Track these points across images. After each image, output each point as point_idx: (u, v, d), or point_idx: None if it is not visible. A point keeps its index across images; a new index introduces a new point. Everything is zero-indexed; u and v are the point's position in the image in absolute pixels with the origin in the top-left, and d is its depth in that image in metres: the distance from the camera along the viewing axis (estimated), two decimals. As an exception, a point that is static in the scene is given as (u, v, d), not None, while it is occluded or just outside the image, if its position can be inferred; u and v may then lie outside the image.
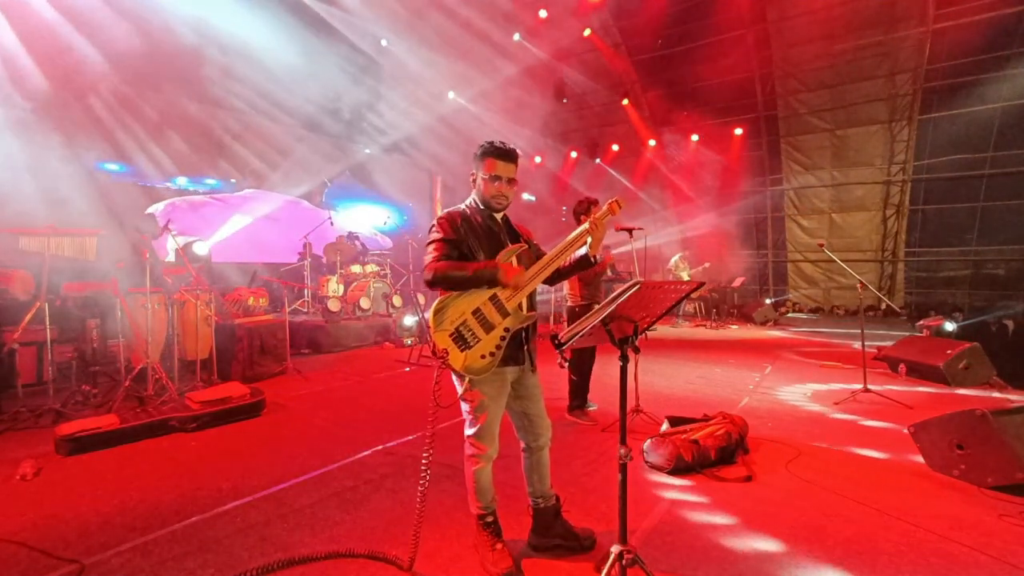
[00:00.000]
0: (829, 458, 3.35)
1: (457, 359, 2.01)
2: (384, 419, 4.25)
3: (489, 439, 2.14)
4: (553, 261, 2.12)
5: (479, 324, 2.03)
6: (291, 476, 3.07)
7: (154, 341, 4.68)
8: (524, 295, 2.11)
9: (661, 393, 4.99)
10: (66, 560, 2.21)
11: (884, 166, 11.67)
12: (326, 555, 2.21)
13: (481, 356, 2.02)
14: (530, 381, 2.25)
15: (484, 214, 2.19)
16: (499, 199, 2.16)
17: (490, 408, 2.11)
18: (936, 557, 2.23)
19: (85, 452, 3.43)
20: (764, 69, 11.99)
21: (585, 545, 2.26)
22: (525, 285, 2.07)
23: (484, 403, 2.10)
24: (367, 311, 8.55)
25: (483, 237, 2.14)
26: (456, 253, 2.09)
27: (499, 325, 2.05)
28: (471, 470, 2.16)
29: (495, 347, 2.04)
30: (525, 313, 2.12)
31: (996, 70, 9.85)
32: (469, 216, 2.17)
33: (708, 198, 13.65)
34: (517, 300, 2.09)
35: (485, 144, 2.17)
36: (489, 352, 2.03)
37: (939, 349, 5.47)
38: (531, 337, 2.22)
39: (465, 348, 2.02)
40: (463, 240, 2.10)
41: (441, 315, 2.03)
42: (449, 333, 2.02)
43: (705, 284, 6.09)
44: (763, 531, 2.45)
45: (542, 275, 2.13)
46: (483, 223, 2.17)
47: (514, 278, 2.02)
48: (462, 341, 2.02)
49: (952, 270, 11.16)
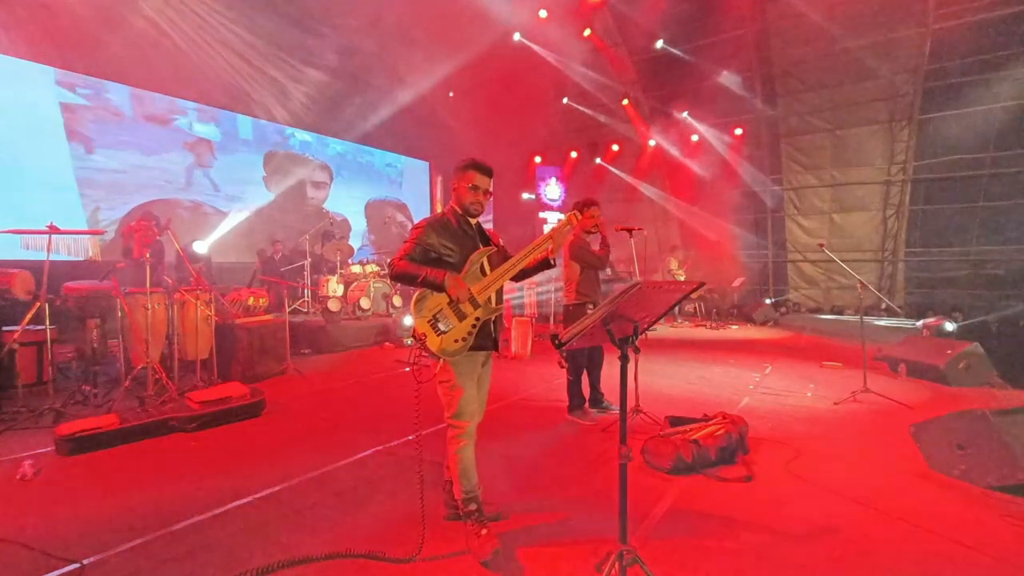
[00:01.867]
0: (829, 458, 3.35)
1: (434, 342, 2.29)
2: (384, 419, 4.25)
3: (467, 415, 2.39)
4: (517, 264, 2.37)
5: (453, 313, 2.31)
6: (291, 476, 3.07)
7: (154, 341, 4.68)
8: (493, 291, 2.37)
9: (661, 393, 4.99)
10: (66, 560, 2.20)
11: (884, 166, 11.66)
12: (326, 555, 2.21)
13: (455, 340, 2.31)
14: (486, 367, 2.54)
15: (460, 219, 2.46)
16: (476, 207, 2.45)
17: (464, 384, 2.37)
18: (936, 557, 2.23)
19: (85, 452, 3.42)
20: (764, 69, 11.98)
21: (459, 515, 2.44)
22: (467, 299, 2.29)
23: (458, 380, 2.36)
24: (367, 311, 8.56)
25: (458, 240, 2.41)
26: (422, 256, 2.34)
27: (471, 315, 2.33)
28: (454, 451, 2.39)
29: (467, 333, 2.32)
30: (493, 306, 2.40)
31: (996, 70, 9.83)
32: (447, 221, 2.44)
33: (708, 198, 13.63)
34: (487, 294, 2.35)
35: (467, 159, 2.48)
36: (462, 337, 2.31)
37: (939, 349, 5.47)
38: (498, 326, 2.51)
39: (441, 333, 2.30)
40: (437, 244, 2.35)
41: (421, 304, 2.33)
42: (427, 320, 2.30)
43: (705, 284, 6.09)
44: (763, 531, 2.45)
45: (508, 275, 2.37)
46: (458, 227, 2.44)
47: (457, 293, 2.26)
48: (438, 327, 2.30)
49: (952, 270, 11.14)
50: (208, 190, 9.84)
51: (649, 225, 11.23)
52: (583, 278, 4.19)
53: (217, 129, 10.07)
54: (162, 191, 9.10)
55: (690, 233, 14.09)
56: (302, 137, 11.72)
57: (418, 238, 2.35)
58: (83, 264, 7.69)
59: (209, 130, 9.93)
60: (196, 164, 9.62)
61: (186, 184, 9.50)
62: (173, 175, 9.33)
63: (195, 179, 9.64)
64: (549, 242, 2.37)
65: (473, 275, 2.36)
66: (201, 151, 9.69)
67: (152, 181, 8.97)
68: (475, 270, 2.37)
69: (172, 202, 9.21)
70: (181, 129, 9.46)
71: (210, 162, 9.82)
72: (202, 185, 9.75)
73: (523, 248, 2.38)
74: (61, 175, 7.94)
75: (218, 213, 9.95)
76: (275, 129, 11.13)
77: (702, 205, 13.73)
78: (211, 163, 9.84)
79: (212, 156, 9.86)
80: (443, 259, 2.36)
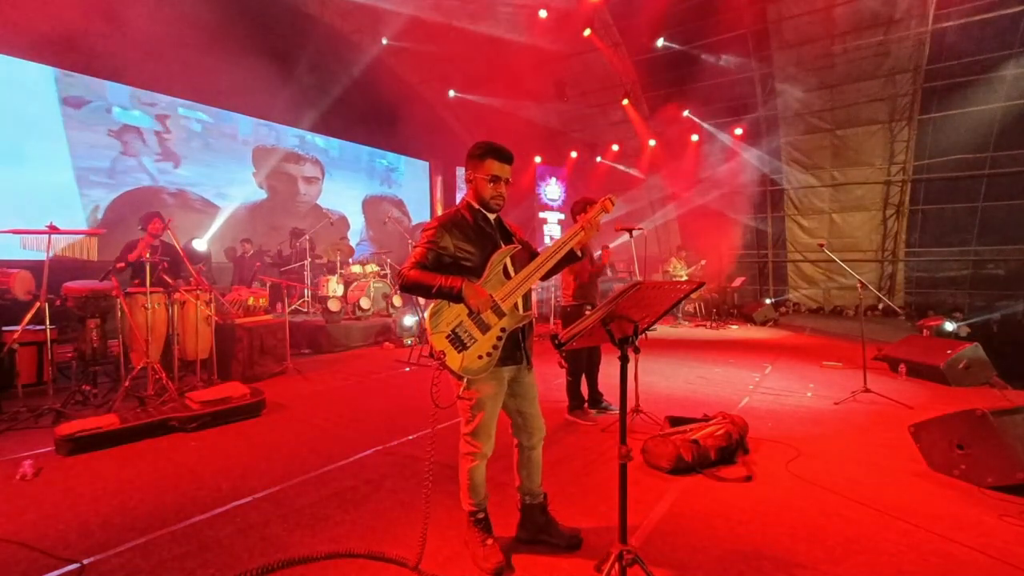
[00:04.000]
0: (829, 458, 3.35)
1: (455, 360, 2.02)
2: (384, 419, 4.25)
3: (485, 437, 2.15)
4: (547, 261, 2.11)
5: (475, 325, 2.04)
6: (291, 476, 3.07)
7: (154, 341, 4.68)
8: (520, 295, 2.10)
9: (661, 393, 4.99)
10: (66, 560, 2.21)
11: (884, 166, 11.67)
12: (326, 555, 2.21)
13: (478, 356, 2.03)
14: (526, 380, 2.27)
15: (478, 215, 2.18)
16: (498, 200, 2.16)
17: (487, 407, 2.12)
18: (936, 557, 2.23)
19: (85, 452, 3.42)
20: (764, 69, 11.98)
21: (571, 544, 2.27)
22: (489, 308, 2.02)
23: (481, 401, 2.11)
24: (367, 311, 8.56)
25: (476, 239, 2.13)
26: (436, 262, 2.08)
27: (495, 325, 2.06)
28: (465, 468, 2.20)
29: (492, 347, 2.05)
30: (521, 313, 2.12)
31: (996, 70, 9.84)
32: (461, 220, 2.16)
33: (708, 198, 13.64)
34: (513, 300, 2.08)
35: (483, 145, 2.16)
36: (486, 352, 2.04)
37: (939, 349, 5.46)
38: (528, 336, 2.23)
39: (462, 349, 2.02)
40: (452, 247, 2.09)
41: (437, 318, 2.04)
42: (446, 335, 2.03)
43: (705, 284, 6.09)
44: (763, 531, 2.45)
45: (536, 275, 2.11)
46: (475, 224, 2.16)
47: (478, 303, 1.99)
48: (459, 342, 2.03)
49: (952, 270, 11.15)
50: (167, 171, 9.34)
51: (649, 225, 11.26)
52: (583, 280, 4.20)
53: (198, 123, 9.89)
54: (139, 181, 8.87)
55: (690, 233, 14.09)
56: (294, 134, 11.68)
57: (430, 241, 2.08)
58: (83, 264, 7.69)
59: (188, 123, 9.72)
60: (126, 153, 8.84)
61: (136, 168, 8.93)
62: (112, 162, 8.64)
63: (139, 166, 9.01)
64: (581, 232, 2.11)
65: (496, 279, 2.08)
66: (130, 139, 8.87)
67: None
68: (497, 273, 2.10)
69: (156, 190, 9.04)
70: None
71: (140, 151, 9.07)
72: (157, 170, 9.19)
73: (549, 244, 2.14)
74: (61, 175, 7.94)
75: (207, 205, 9.85)
76: (264, 125, 11.05)
77: (702, 205, 13.73)
78: (141, 152, 9.09)
79: (143, 144, 9.12)
80: (460, 263, 2.09)
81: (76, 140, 8.18)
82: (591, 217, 2.12)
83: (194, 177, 9.70)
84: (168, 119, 9.37)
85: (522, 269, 2.14)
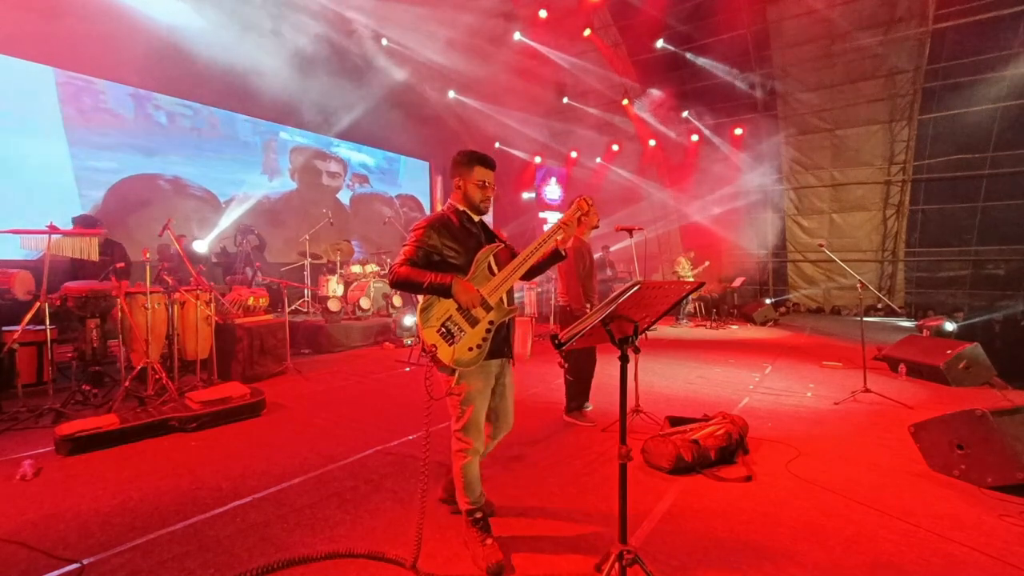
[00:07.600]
0: (829, 458, 3.35)
1: (446, 353, 2.12)
2: (384, 419, 4.25)
3: (475, 432, 2.26)
4: (528, 258, 2.24)
5: (464, 319, 2.15)
6: (291, 476, 3.07)
7: (154, 341, 4.68)
8: (504, 290, 2.23)
9: (661, 393, 4.99)
10: (66, 560, 2.21)
11: (884, 166, 11.67)
12: (326, 555, 2.21)
13: (468, 348, 2.15)
14: (507, 377, 2.40)
15: (463, 217, 2.32)
16: (485, 203, 2.34)
17: (476, 401, 2.23)
18: (936, 557, 2.23)
19: (85, 452, 3.42)
20: (764, 69, 12.00)
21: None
22: (478, 303, 2.13)
23: (471, 396, 2.22)
24: (367, 311, 8.56)
25: (462, 238, 2.27)
26: (425, 260, 2.20)
27: (483, 319, 2.18)
28: (459, 465, 2.27)
29: (481, 339, 2.17)
30: (507, 307, 2.25)
31: (996, 70, 9.85)
32: (447, 221, 2.28)
33: (708, 198, 13.65)
34: (499, 295, 2.20)
35: (470, 153, 2.33)
36: (476, 344, 2.16)
37: (939, 349, 5.46)
38: (511, 330, 2.36)
39: (452, 342, 2.13)
40: (440, 245, 2.21)
41: (427, 313, 2.16)
42: (436, 329, 2.13)
43: (705, 284, 6.10)
44: (763, 531, 2.45)
45: (519, 271, 2.24)
46: (460, 225, 2.29)
47: (467, 298, 2.10)
48: (449, 336, 2.14)
49: (952, 270, 11.15)
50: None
51: (649, 225, 11.25)
52: (581, 279, 4.18)
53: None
54: (140, 168, 8.82)
55: (690, 232, 14.10)
56: (299, 136, 11.67)
57: (419, 240, 2.19)
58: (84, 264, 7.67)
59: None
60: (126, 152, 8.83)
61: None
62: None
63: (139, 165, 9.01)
64: (560, 232, 2.24)
65: (482, 275, 2.21)
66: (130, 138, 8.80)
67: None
68: (483, 270, 2.22)
69: (151, 176, 8.97)
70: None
71: (140, 150, 9.00)
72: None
73: (528, 245, 2.25)
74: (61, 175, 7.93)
75: (206, 193, 9.77)
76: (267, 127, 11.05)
77: (702, 205, 13.74)
78: (141, 151, 9.02)
79: (143, 143, 9.02)
80: (447, 261, 2.21)
81: (76, 140, 8.20)
82: (568, 217, 2.28)
83: (194, 174, 9.72)
84: (167, 116, 9.37)
85: (504, 266, 2.26)
